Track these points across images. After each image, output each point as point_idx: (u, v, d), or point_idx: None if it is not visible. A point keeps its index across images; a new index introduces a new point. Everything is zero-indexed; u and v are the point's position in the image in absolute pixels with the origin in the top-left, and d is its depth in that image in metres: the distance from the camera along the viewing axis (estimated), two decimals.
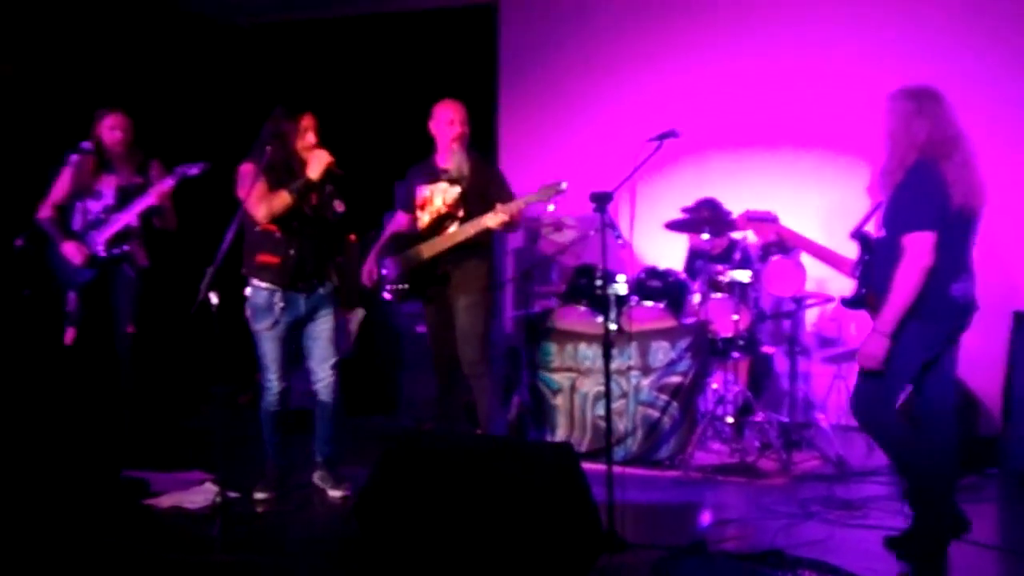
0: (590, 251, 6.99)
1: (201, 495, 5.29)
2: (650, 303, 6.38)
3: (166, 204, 6.05)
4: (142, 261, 6.22)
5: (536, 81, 8.21)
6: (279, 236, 5.36)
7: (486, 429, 5.85)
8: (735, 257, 6.51)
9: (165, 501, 5.29)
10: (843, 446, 6.33)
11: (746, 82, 7.56)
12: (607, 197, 4.80)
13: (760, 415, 6.26)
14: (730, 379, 6.38)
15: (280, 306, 5.42)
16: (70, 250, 6.04)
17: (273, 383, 5.48)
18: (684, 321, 6.35)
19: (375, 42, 8.76)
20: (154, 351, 6.42)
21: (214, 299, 4.95)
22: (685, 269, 6.95)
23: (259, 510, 5.20)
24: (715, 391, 6.44)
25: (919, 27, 7.20)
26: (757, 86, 7.54)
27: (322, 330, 5.47)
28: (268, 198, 5.25)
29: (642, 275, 6.55)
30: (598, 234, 4.99)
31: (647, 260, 7.07)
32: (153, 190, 5.96)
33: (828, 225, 6.24)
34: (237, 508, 5.07)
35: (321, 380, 5.49)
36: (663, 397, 6.22)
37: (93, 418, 6.03)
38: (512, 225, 5.66)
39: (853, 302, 4.62)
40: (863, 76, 7.16)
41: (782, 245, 6.23)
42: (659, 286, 6.47)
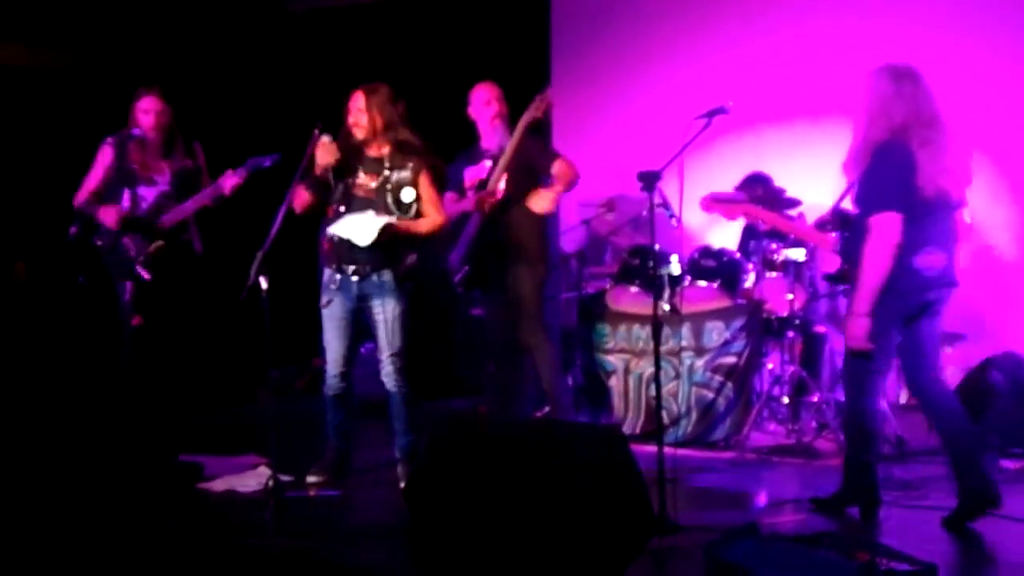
0: (644, 231, 6.92)
1: (254, 479, 5.30)
2: (704, 283, 6.32)
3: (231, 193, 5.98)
4: (198, 248, 6.23)
5: (588, 60, 8.14)
6: (329, 219, 5.38)
7: (552, 397, 5.84)
8: (789, 235, 6.41)
9: (218, 485, 5.33)
10: (902, 426, 6.22)
11: (802, 53, 7.40)
12: (655, 176, 4.74)
13: (817, 395, 6.18)
14: (785, 359, 6.30)
15: (333, 287, 5.42)
16: (106, 215, 5.95)
17: (329, 365, 5.48)
18: (738, 301, 6.28)
19: (427, 25, 8.74)
20: (211, 337, 6.48)
21: (264, 283, 4.97)
22: (739, 248, 6.85)
23: (311, 494, 5.21)
24: (770, 371, 6.36)
25: None
26: (814, 57, 7.38)
27: (378, 320, 5.38)
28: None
29: (696, 254, 6.48)
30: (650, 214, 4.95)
31: (701, 239, 6.99)
32: (226, 183, 5.88)
33: None
34: (289, 492, 5.07)
35: (382, 370, 5.43)
36: (717, 378, 6.16)
37: (152, 403, 6.07)
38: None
39: (836, 277, 4.88)
40: (922, 41, 7.00)
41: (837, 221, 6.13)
42: (713, 265, 6.40)
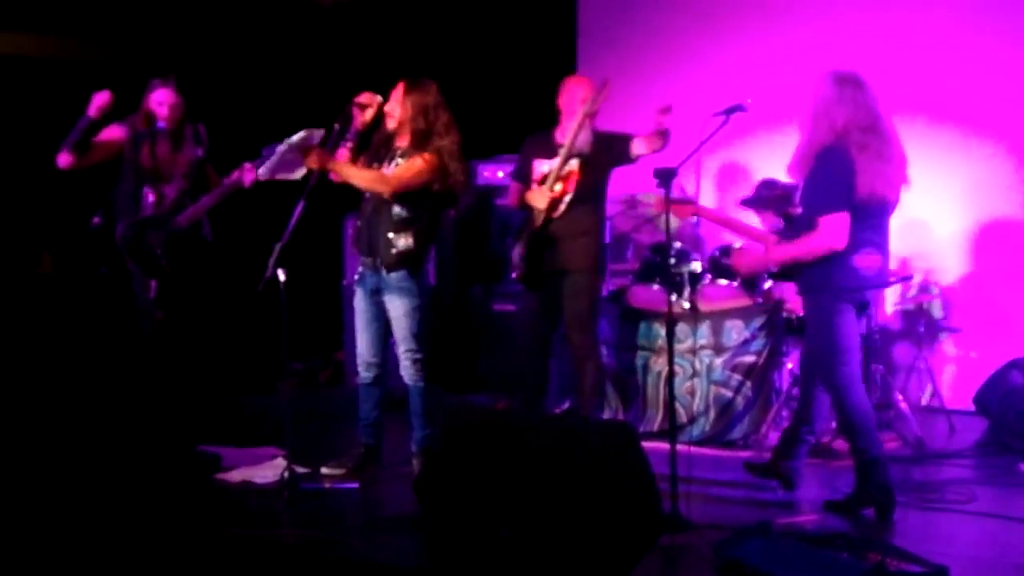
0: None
1: (271, 470, 5.33)
2: (724, 281, 6.29)
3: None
4: (207, 234, 6.17)
5: (614, 54, 8.13)
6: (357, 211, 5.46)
7: (585, 412, 5.83)
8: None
9: (235, 476, 5.35)
10: (923, 428, 6.20)
11: (826, 50, 7.34)
12: (671, 173, 4.74)
13: None
14: None
15: (356, 277, 5.49)
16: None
17: (357, 355, 5.52)
18: (758, 299, 6.26)
19: (453, 16, 8.74)
20: (232, 328, 6.52)
21: (282, 276, 5.00)
22: None
23: (326, 486, 5.22)
24: (790, 371, 6.33)
25: None
26: (838, 54, 7.29)
27: (391, 315, 5.41)
28: None
29: (716, 253, 6.46)
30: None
31: (722, 238, 6.96)
32: (246, 177, 5.86)
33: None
34: (305, 484, 5.09)
35: (400, 364, 5.46)
36: (736, 377, 6.14)
37: (172, 394, 6.11)
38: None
39: (779, 275, 5.09)
40: (947, 37, 6.95)
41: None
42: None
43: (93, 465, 5.32)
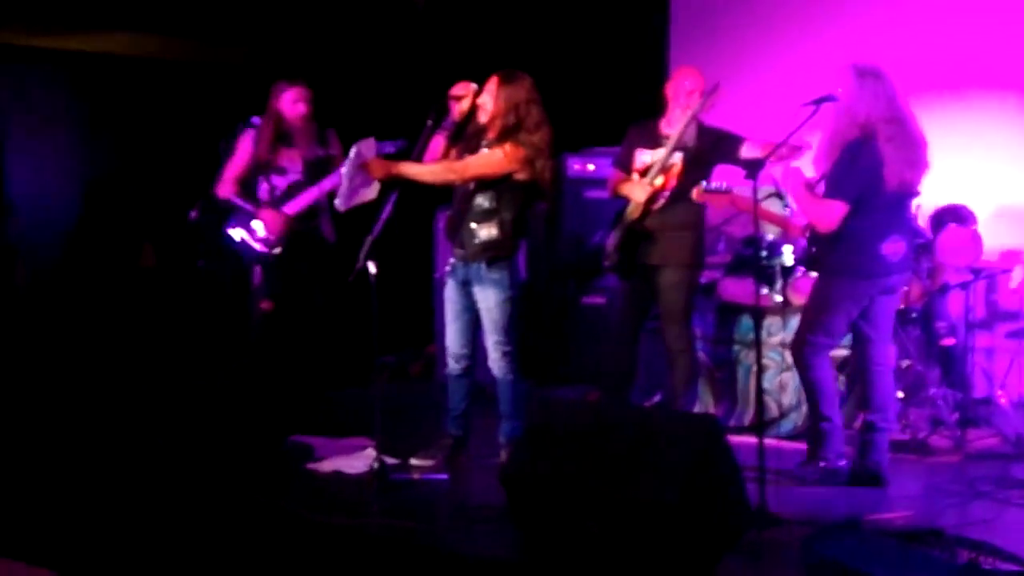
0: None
1: (361, 461, 5.38)
2: (816, 274, 6.19)
3: None
4: (330, 236, 6.33)
5: (706, 48, 8.04)
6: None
7: (677, 404, 5.81)
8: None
9: (326, 466, 5.43)
10: None
11: (923, 40, 7.21)
12: (759, 164, 4.69)
13: (933, 390, 6.03)
14: (901, 353, 6.15)
15: (448, 268, 5.54)
16: (268, 217, 6.08)
17: (446, 346, 5.57)
18: None
19: (547, 12, 8.74)
20: (330, 321, 6.60)
21: (372, 269, 5.05)
22: None
23: (415, 477, 5.27)
24: None
25: None
26: (932, 45, 7.18)
27: (480, 307, 5.43)
28: None
29: (807, 245, 6.35)
30: (764, 202, 4.96)
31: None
32: (374, 180, 5.92)
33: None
34: (394, 475, 5.15)
35: (489, 356, 5.48)
36: None
37: (270, 384, 6.22)
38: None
39: (802, 260, 5.44)
40: None
41: (956, 213, 6.02)
42: None
43: (188, 454, 5.42)
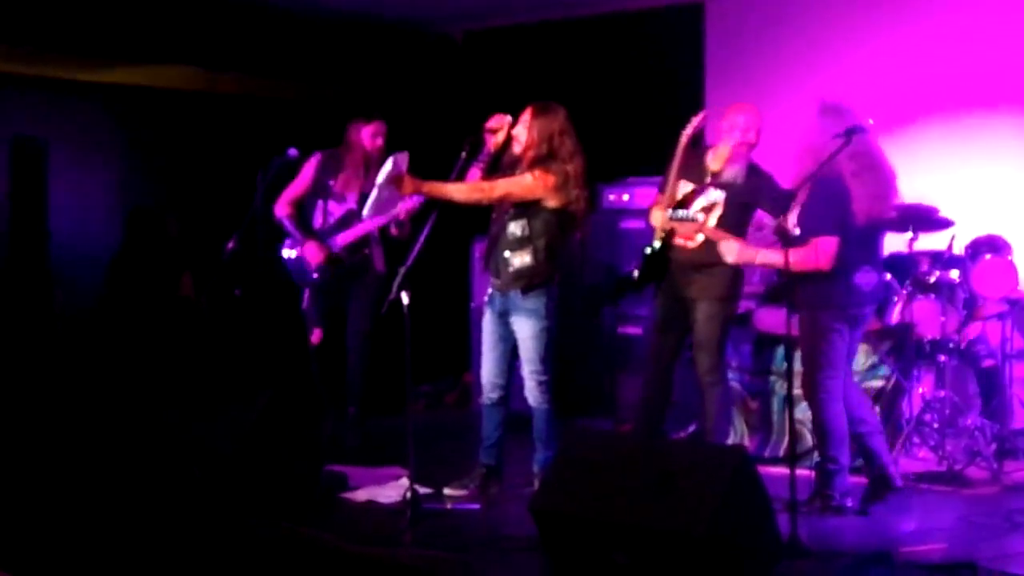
0: None
1: (395, 490, 5.41)
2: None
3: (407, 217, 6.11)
4: (380, 267, 6.50)
5: (742, 80, 8.06)
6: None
7: (711, 437, 5.79)
8: (943, 256, 6.24)
9: (361, 495, 5.47)
10: None
11: (957, 67, 7.18)
12: (790, 196, 4.71)
13: (970, 421, 5.98)
14: (937, 384, 6.11)
15: (486, 298, 5.58)
16: (311, 250, 6.38)
17: (482, 375, 5.60)
18: (887, 323, 6.13)
19: (583, 45, 8.80)
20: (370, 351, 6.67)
21: (406, 299, 5.09)
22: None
23: (448, 506, 5.30)
24: (921, 395, 6.18)
25: None
26: (971, 72, 7.15)
27: (519, 337, 5.45)
28: None
29: None
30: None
31: None
32: (403, 205, 5.92)
33: None
34: (428, 504, 5.17)
35: (525, 386, 5.51)
36: None
37: (308, 413, 6.28)
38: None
39: (769, 296, 5.73)
40: None
41: (991, 244, 6.00)
42: None
43: (223, 480, 5.47)
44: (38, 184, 7.40)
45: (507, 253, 5.38)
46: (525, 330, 5.40)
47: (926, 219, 6.15)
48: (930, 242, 6.38)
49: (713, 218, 5.58)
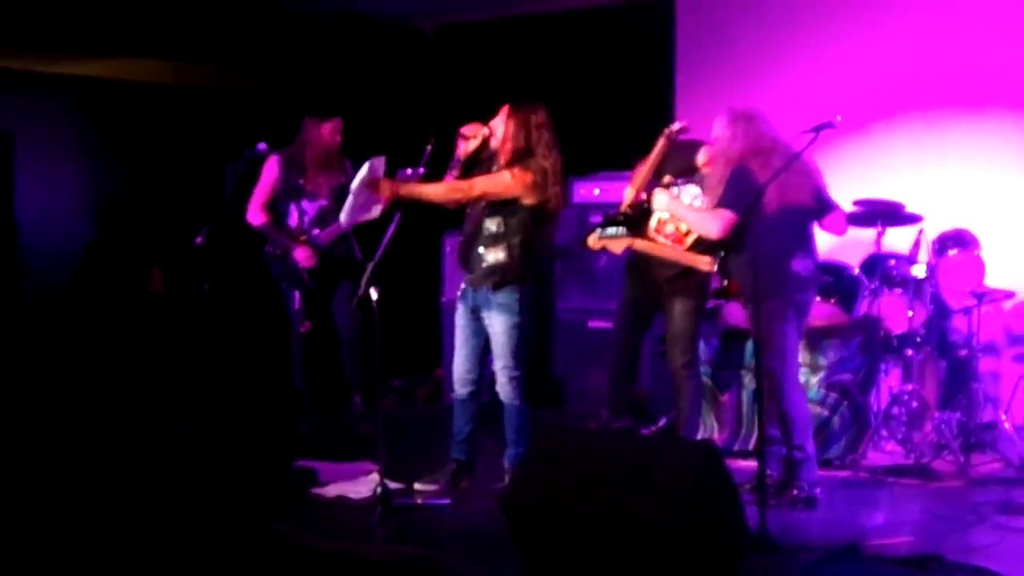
0: None
1: (365, 486, 5.41)
2: (821, 299, 6.22)
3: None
4: (358, 256, 6.59)
5: (712, 75, 8.09)
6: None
7: (681, 428, 5.83)
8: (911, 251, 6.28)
9: (331, 491, 5.45)
10: None
11: (927, 66, 7.23)
12: (759, 191, 4.73)
13: (937, 415, 6.03)
14: (904, 378, 6.16)
15: (459, 292, 5.58)
16: (302, 255, 6.46)
17: (453, 368, 5.60)
18: (856, 317, 6.17)
19: (554, 40, 8.80)
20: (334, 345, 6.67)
21: (374, 295, 5.08)
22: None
23: (419, 502, 5.29)
24: (889, 390, 6.22)
25: None
26: (939, 69, 7.20)
27: (491, 332, 5.45)
28: None
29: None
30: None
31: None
32: (380, 200, 5.96)
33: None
34: (398, 499, 5.16)
35: (497, 381, 5.51)
36: (833, 395, 6.07)
37: (278, 409, 6.28)
38: None
39: (719, 293, 5.64)
40: None
41: (958, 238, 6.06)
42: (831, 282, 6.29)
43: (192, 478, 5.45)
44: (5, 176, 7.36)
45: (481, 249, 5.38)
46: (497, 326, 5.40)
47: (893, 214, 6.19)
48: (898, 237, 6.44)
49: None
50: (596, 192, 7.53)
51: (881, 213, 6.16)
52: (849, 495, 5.46)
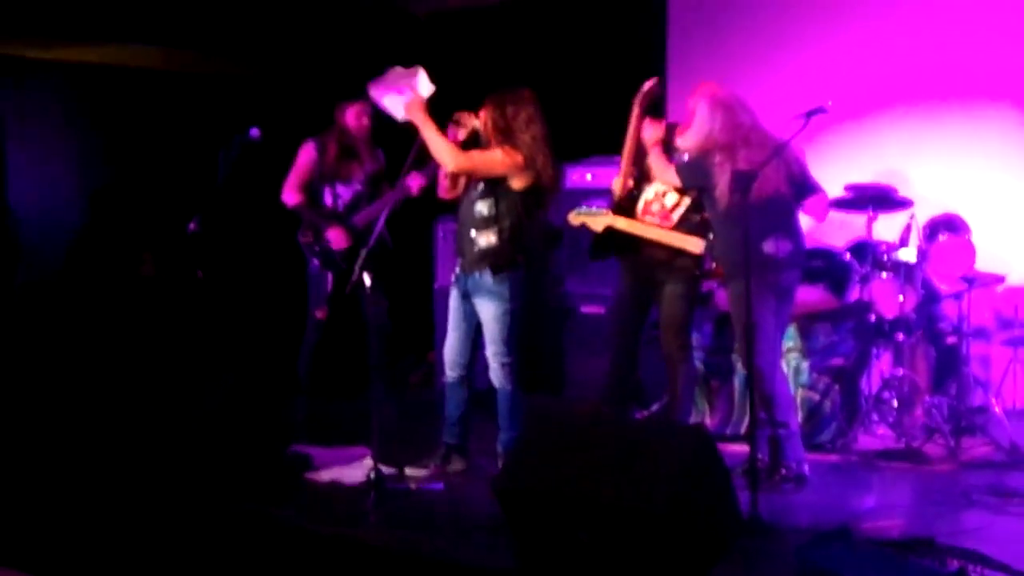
0: None
1: (359, 471, 5.40)
2: (809, 284, 6.24)
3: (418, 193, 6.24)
4: (389, 243, 6.55)
5: (704, 59, 8.09)
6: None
7: (675, 412, 5.84)
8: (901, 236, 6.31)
9: (325, 476, 5.46)
10: (1018, 433, 6.07)
11: (918, 51, 7.25)
12: (751, 176, 4.74)
13: (928, 399, 6.06)
14: (895, 362, 6.19)
15: (453, 277, 5.58)
16: (336, 236, 6.43)
17: (444, 353, 5.61)
18: (847, 302, 6.20)
19: (546, 24, 8.79)
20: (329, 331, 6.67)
21: (368, 280, 5.10)
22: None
23: (412, 487, 5.31)
24: (880, 374, 6.25)
25: None
26: (930, 53, 7.21)
27: (483, 318, 5.47)
28: None
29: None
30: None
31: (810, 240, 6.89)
32: (413, 184, 6.09)
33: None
34: (391, 484, 5.18)
35: (489, 367, 5.52)
36: (824, 380, 6.09)
37: (272, 394, 6.29)
38: None
39: (707, 274, 5.66)
40: None
41: (949, 223, 6.07)
42: (821, 266, 6.32)
43: (187, 463, 5.46)
44: None
45: (473, 232, 5.39)
46: (488, 311, 5.41)
47: (884, 199, 6.21)
48: (889, 222, 6.45)
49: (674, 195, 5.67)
50: (588, 177, 7.54)
51: (872, 198, 6.18)
52: (840, 479, 5.50)
